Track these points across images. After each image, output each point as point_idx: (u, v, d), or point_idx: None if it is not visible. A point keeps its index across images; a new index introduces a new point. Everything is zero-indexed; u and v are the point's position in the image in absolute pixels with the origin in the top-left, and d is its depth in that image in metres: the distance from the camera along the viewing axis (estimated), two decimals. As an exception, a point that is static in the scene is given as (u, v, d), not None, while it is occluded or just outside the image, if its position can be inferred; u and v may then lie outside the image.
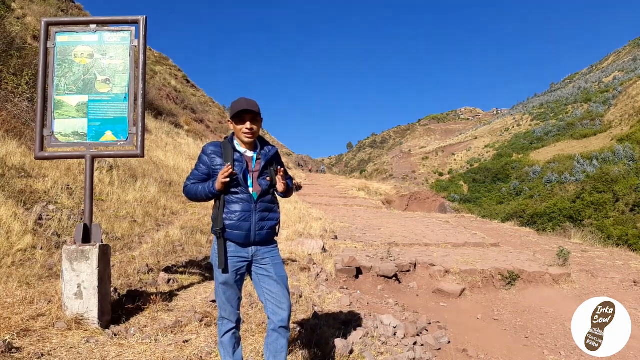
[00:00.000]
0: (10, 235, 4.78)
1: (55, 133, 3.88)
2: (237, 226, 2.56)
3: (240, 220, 2.56)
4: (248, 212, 2.57)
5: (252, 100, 2.62)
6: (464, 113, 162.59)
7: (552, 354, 4.45)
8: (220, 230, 2.55)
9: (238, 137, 2.65)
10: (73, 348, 3.10)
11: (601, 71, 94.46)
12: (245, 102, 2.59)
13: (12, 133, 7.33)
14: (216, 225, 2.56)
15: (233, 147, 2.64)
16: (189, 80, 33.21)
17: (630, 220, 26.82)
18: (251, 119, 2.60)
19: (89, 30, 3.97)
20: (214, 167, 2.62)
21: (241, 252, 2.60)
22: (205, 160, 2.65)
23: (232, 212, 2.56)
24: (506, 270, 6.57)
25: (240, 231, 2.56)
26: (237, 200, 2.57)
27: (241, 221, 2.56)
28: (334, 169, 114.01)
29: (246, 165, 2.62)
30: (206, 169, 2.65)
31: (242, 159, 2.62)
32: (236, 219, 2.55)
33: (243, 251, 2.61)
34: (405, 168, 75.90)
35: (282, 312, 2.60)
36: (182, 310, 4.07)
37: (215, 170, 2.61)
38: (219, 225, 2.55)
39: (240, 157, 2.62)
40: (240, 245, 2.60)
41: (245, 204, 2.57)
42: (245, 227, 2.56)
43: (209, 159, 2.64)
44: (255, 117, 2.61)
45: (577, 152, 45.27)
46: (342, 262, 6.13)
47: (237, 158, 2.61)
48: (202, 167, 2.66)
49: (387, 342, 3.90)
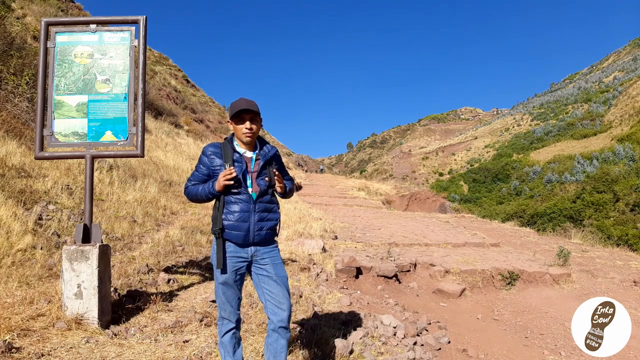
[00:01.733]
0: (10, 235, 4.78)
1: (55, 133, 3.88)
2: (235, 226, 2.56)
3: (239, 220, 2.56)
4: (247, 212, 2.57)
5: (251, 101, 2.63)
6: (464, 113, 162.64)
7: (552, 354, 4.44)
8: (219, 230, 2.56)
9: (238, 137, 2.65)
10: (73, 348, 3.10)
11: (601, 71, 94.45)
12: (244, 102, 2.59)
13: (12, 133, 7.33)
14: (215, 225, 2.57)
15: (232, 148, 2.64)
16: (189, 80, 33.22)
17: (631, 220, 26.83)
18: (250, 119, 2.60)
19: (89, 30, 3.98)
20: (214, 168, 2.63)
21: (240, 252, 2.61)
22: (205, 161, 2.66)
23: (231, 212, 2.56)
24: (506, 270, 6.57)
25: (239, 231, 2.56)
26: (236, 200, 2.57)
27: (240, 221, 2.56)
28: (334, 169, 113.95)
29: (245, 165, 2.62)
30: (206, 170, 2.65)
31: (241, 160, 2.62)
32: (235, 219, 2.56)
33: (242, 251, 2.61)
34: (405, 168, 75.91)
35: (281, 313, 2.60)
36: (182, 310, 4.07)
37: (215, 171, 2.62)
38: (218, 225, 2.56)
39: (239, 157, 2.63)
40: (239, 245, 2.60)
41: (244, 204, 2.58)
42: (244, 227, 2.57)
43: (209, 159, 2.65)
44: (255, 117, 2.62)
45: (577, 152, 45.28)
46: (342, 262, 6.13)
47: (237, 158, 2.62)
48: (202, 168, 2.67)
49: (387, 342, 3.90)
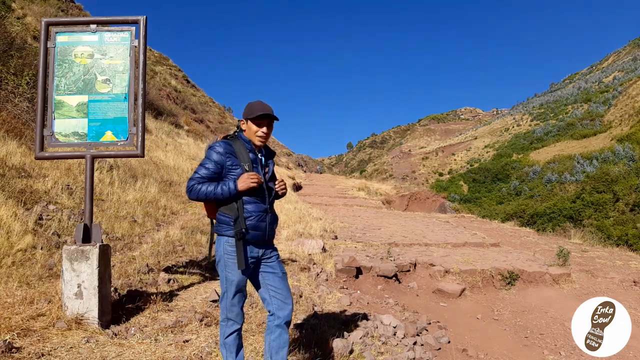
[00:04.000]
0: (10, 235, 4.78)
1: (56, 133, 3.89)
2: (256, 226, 2.60)
3: (259, 220, 2.61)
4: (263, 212, 2.64)
5: (270, 106, 2.67)
6: (464, 113, 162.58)
7: (552, 354, 4.45)
8: (241, 231, 2.54)
9: (249, 137, 2.67)
10: (73, 348, 3.10)
11: (601, 71, 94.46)
12: (267, 107, 2.64)
13: (12, 133, 7.32)
14: (237, 226, 2.54)
15: (249, 149, 2.67)
16: (189, 80, 33.22)
17: (630, 220, 26.81)
18: (268, 124, 2.66)
19: (89, 31, 3.98)
20: (230, 167, 2.59)
21: (254, 252, 2.65)
22: (220, 159, 2.58)
23: (250, 212, 2.59)
24: (506, 270, 6.57)
25: (258, 231, 2.62)
26: (253, 201, 2.61)
27: (259, 221, 2.61)
28: (334, 169, 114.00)
29: (260, 167, 2.69)
30: (219, 169, 2.59)
31: (257, 161, 2.68)
32: (255, 219, 2.59)
33: (256, 251, 2.65)
34: (405, 168, 75.90)
35: (287, 307, 2.68)
36: (182, 310, 4.08)
37: (231, 170, 2.59)
38: (242, 226, 2.54)
39: (255, 158, 2.67)
40: (255, 245, 2.64)
41: (261, 204, 2.63)
42: (262, 227, 2.63)
43: (225, 158, 2.59)
44: (271, 122, 2.68)
45: (577, 152, 45.25)
46: (342, 262, 6.13)
47: (254, 159, 2.66)
48: (214, 166, 2.58)
49: (387, 342, 3.90)
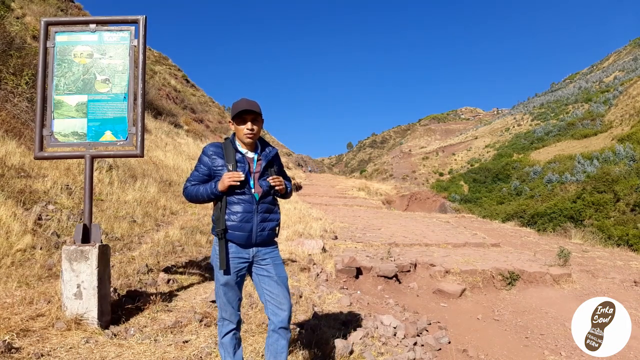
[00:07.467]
0: (9, 235, 4.77)
1: (55, 133, 3.88)
2: (239, 227, 2.55)
3: (242, 221, 2.55)
4: (250, 213, 2.57)
5: (253, 101, 2.62)
6: (464, 113, 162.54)
7: (552, 354, 4.44)
8: (222, 231, 2.54)
9: (239, 137, 2.64)
10: (72, 348, 3.10)
11: (602, 71, 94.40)
12: (246, 103, 2.58)
13: (12, 133, 7.32)
14: (218, 226, 2.55)
15: (235, 148, 2.63)
16: (188, 80, 33.20)
17: (631, 220, 26.79)
18: (252, 120, 2.59)
19: (88, 30, 3.97)
20: (215, 168, 2.61)
21: (242, 253, 2.60)
22: (206, 161, 2.63)
23: (234, 213, 2.55)
24: (507, 270, 6.56)
25: (242, 232, 2.56)
26: (239, 201, 2.56)
27: (243, 222, 2.55)
28: (334, 169, 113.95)
29: (248, 166, 2.61)
30: (207, 170, 2.63)
31: (244, 160, 2.61)
32: (238, 220, 2.55)
33: (244, 252, 2.60)
34: (405, 168, 75.89)
35: (282, 313, 2.60)
36: (181, 310, 4.07)
37: (217, 171, 2.60)
38: (221, 226, 2.54)
39: (242, 158, 2.62)
40: (242, 246, 2.59)
41: (247, 205, 2.57)
42: (247, 228, 2.56)
43: (210, 159, 2.63)
44: (256, 117, 2.61)
45: (577, 152, 45.21)
46: (342, 262, 6.12)
47: (239, 159, 2.61)
48: (202, 168, 2.64)
49: (387, 343, 3.89)
